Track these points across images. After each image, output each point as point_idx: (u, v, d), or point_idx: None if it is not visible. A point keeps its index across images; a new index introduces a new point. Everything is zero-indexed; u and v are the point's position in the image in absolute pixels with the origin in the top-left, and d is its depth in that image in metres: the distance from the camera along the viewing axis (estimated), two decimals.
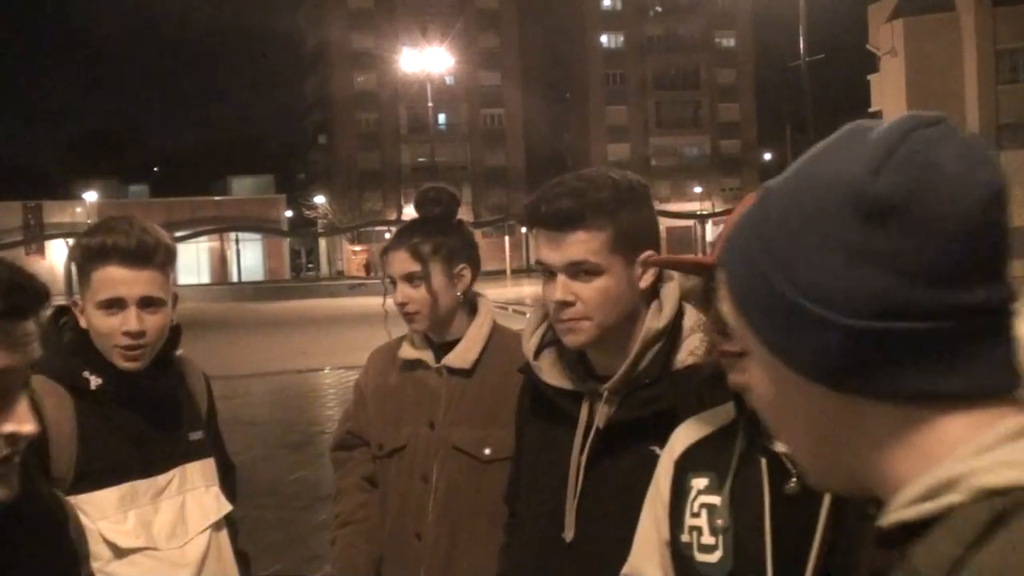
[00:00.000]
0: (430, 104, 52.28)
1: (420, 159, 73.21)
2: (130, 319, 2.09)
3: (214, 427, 2.41)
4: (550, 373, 1.98)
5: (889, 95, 44.19)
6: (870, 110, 51.02)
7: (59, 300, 2.23)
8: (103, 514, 2.07)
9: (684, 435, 1.60)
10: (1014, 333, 0.77)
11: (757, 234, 0.79)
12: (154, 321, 2.12)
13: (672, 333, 1.90)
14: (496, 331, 2.57)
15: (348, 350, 18.84)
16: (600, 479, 1.89)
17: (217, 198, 70.61)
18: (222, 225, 62.60)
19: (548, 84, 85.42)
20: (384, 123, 78.28)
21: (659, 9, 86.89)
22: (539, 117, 79.40)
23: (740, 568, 1.43)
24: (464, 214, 2.83)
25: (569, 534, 1.90)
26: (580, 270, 1.84)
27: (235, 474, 2.50)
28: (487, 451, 2.44)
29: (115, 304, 2.09)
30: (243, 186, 74.46)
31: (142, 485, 2.13)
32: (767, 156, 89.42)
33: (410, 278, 2.50)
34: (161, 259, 2.13)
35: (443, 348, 2.56)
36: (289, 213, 74.58)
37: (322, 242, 77.01)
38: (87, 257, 2.12)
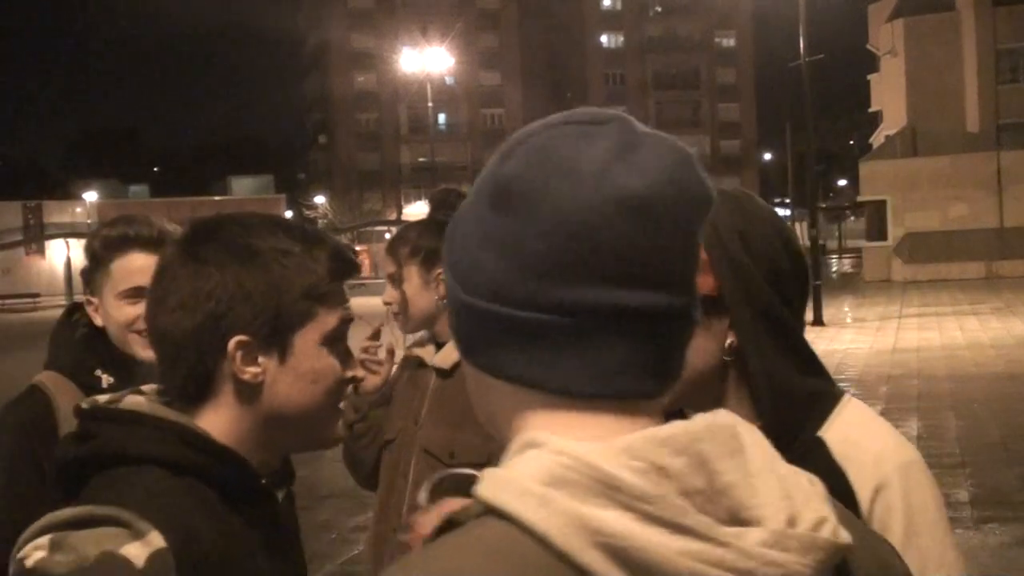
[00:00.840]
0: (430, 104, 52.24)
1: (420, 159, 73.22)
2: None
3: None
4: None
5: (889, 95, 44.18)
6: (870, 110, 51.03)
7: (67, 299, 2.25)
8: None
9: None
10: (655, 342, 0.75)
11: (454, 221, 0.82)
12: None
13: None
14: None
15: None
16: None
17: (217, 198, 70.57)
18: None
19: (548, 84, 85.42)
20: (384, 123, 78.31)
21: (659, 9, 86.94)
22: (539, 117, 78.29)
23: None
24: None
25: None
26: None
27: None
28: (453, 455, 2.44)
29: (137, 293, 2.09)
30: (243, 186, 74.45)
31: None
32: (767, 156, 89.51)
33: (391, 278, 2.56)
34: None
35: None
36: (289, 213, 74.60)
37: None
38: (108, 247, 2.14)
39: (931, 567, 1.25)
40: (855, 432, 1.32)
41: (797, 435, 1.29)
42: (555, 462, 0.70)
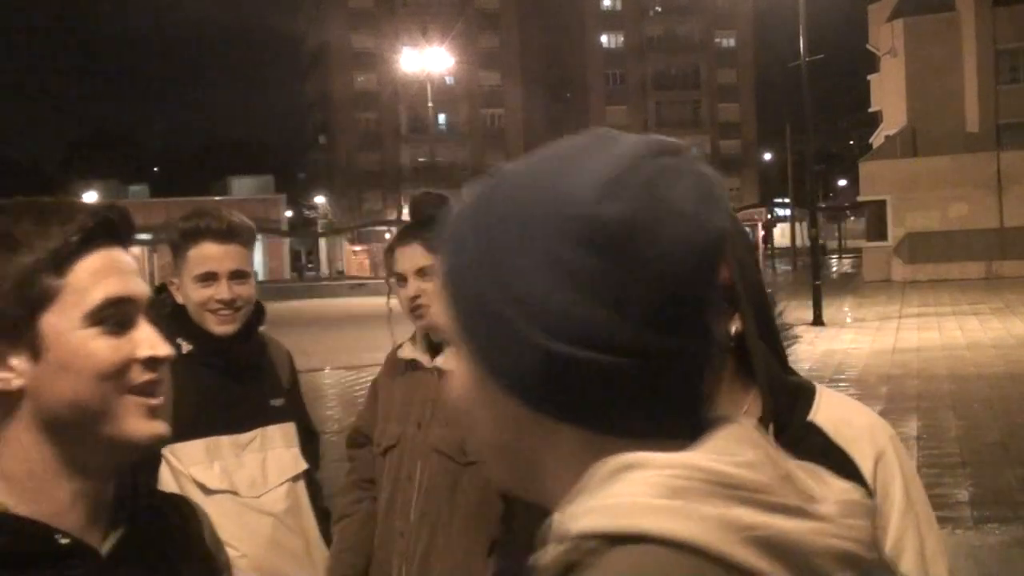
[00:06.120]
0: (430, 104, 52.30)
1: (420, 159, 73.28)
2: (222, 289, 2.46)
3: (297, 396, 2.74)
4: None
5: (889, 95, 44.18)
6: (870, 110, 51.03)
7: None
8: (192, 461, 2.42)
9: None
10: (701, 382, 0.77)
11: (481, 227, 0.75)
12: (242, 290, 2.50)
13: None
14: None
15: (348, 350, 18.83)
16: None
17: (217, 198, 70.52)
18: None
19: (548, 84, 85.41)
20: (384, 123, 78.30)
21: (659, 9, 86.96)
22: (539, 117, 79.39)
23: None
24: None
25: None
26: None
27: (319, 441, 2.81)
28: (465, 452, 2.46)
29: (210, 277, 2.46)
30: (243, 186, 74.42)
31: (225, 440, 2.47)
32: (767, 156, 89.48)
33: (423, 272, 2.50)
34: (246, 237, 2.52)
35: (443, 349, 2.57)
36: (289, 213, 74.58)
37: (322, 242, 77.02)
38: (184, 237, 2.47)
39: (924, 529, 1.43)
40: (841, 413, 1.47)
41: (789, 422, 1.43)
42: (667, 475, 0.70)
